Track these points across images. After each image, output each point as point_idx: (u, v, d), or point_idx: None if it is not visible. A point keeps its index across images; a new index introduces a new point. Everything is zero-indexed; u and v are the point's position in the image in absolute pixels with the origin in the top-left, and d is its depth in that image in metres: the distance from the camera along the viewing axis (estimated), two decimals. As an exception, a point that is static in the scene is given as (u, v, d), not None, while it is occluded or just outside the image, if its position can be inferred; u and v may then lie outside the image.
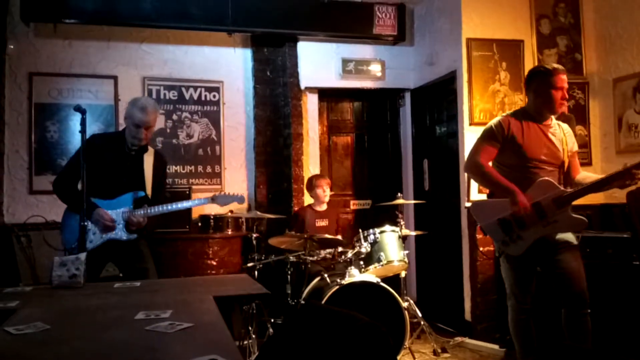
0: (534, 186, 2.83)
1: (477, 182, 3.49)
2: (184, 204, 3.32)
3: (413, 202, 5.04)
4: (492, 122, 3.02)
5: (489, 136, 2.98)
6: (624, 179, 2.70)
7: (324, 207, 4.57)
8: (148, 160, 3.30)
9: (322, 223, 4.50)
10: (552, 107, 2.89)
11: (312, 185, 4.57)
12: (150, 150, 3.36)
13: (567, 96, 2.91)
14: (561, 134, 2.97)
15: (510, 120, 2.94)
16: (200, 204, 3.46)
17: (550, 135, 2.93)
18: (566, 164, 2.97)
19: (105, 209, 3.12)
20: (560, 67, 2.91)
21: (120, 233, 3.16)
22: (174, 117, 4.88)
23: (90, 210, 2.99)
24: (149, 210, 3.18)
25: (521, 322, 2.95)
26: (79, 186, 3.23)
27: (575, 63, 4.54)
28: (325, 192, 4.52)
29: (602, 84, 4.57)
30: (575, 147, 3.05)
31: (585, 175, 3.00)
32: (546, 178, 2.83)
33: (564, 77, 2.88)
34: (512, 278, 2.96)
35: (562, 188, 2.81)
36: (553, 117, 2.99)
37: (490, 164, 2.99)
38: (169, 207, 3.24)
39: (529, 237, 2.84)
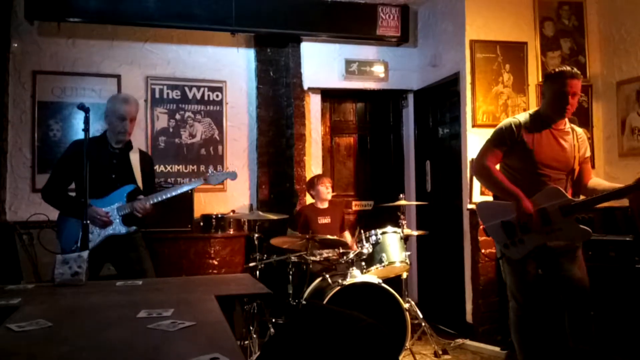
0: (541, 193, 2.81)
1: (484, 185, 3.47)
2: (181, 189, 3.34)
3: (415, 203, 5.04)
4: (502, 124, 2.99)
5: (497, 139, 2.96)
6: (636, 192, 2.66)
7: (325, 204, 4.58)
8: (134, 158, 3.34)
9: (324, 220, 4.50)
10: (557, 111, 2.87)
11: (313, 183, 4.58)
12: (135, 148, 3.40)
13: (571, 101, 2.82)
14: (574, 140, 2.94)
15: (521, 125, 2.91)
16: (195, 186, 3.48)
17: (561, 141, 2.90)
18: (576, 171, 2.94)
19: (100, 206, 3.15)
20: (569, 70, 2.84)
21: (119, 227, 3.20)
22: (177, 116, 4.88)
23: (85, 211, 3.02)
24: (149, 199, 3.21)
25: (522, 324, 2.94)
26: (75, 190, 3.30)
27: (579, 66, 4.52)
28: (328, 188, 4.54)
29: (605, 87, 4.57)
30: (588, 153, 3.01)
31: (597, 182, 2.97)
32: (555, 186, 2.81)
33: (573, 81, 2.81)
34: (513, 280, 2.96)
35: (569, 197, 2.80)
36: (567, 120, 2.97)
37: (497, 166, 2.98)
38: (168, 194, 3.27)
39: (530, 242, 2.84)
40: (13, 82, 4.51)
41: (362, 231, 4.08)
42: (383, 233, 4.02)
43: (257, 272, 3.96)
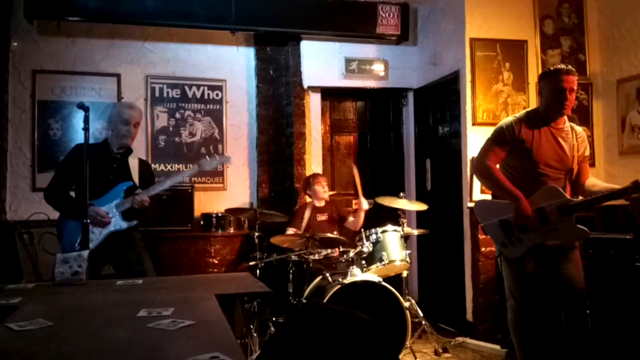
0: (539, 192, 2.81)
1: (483, 185, 3.47)
2: (176, 178, 3.40)
3: (415, 207, 4.98)
4: (503, 122, 2.98)
5: (498, 138, 2.95)
6: (632, 193, 2.67)
7: (322, 203, 4.58)
8: (133, 162, 3.40)
9: (322, 217, 4.52)
10: (556, 108, 2.86)
11: (309, 183, 4.58)
12: (134, 155, 3.46)
13: (570, 97, 2.83)
14: (573, 139, 2.93)
15: (522, 122, 2.91)
16: (190, 174, 3.52)
17: (560, 141, 2.90)
18: (575, 171, 2.94)
19: (99, 206, 3.18)
20: (565, 67, 2.85)
21: (120, 223, 3.23)
22: (177, 115, 4.88)
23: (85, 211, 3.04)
24: (147, 192, 3.25)
25: (521, 323, 2.94)
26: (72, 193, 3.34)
27: (579, 64, 4.53)
28: (324, 188, 4.54)
29: (605, 85, 4.56)
30: (587, 152, 3.01)
31: (594, 182, 2.97)
32: (553, 185, 2.81)
33: (570, 77, 2.81)
34: (512, 279, 2.96)
35: (568, 196, 2.80)
36: (566, 119, 2.96)
37: (497, 166, 2.97)
38: (165, 185, 3.31)
39: (528, 241, 2.84)
40: (13, 81, 4.51)
41: (362, 230, 4.08)
42: (383, 232, 4.02)
43: (257, 271, 3.96)
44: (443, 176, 5.09)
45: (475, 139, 4.37)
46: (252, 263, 4.03)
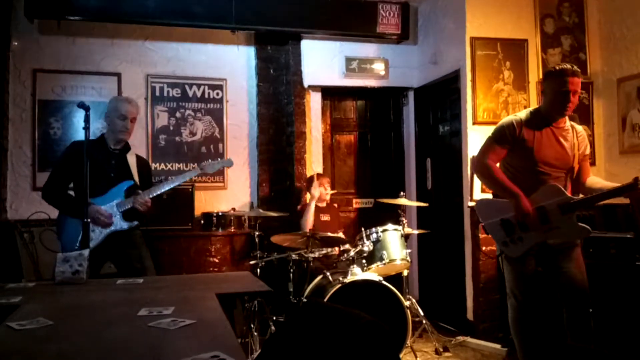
0: (540, 190, 2.81)
1: (483, 183, 3.46)
2: (178, 181, 3.39)
3: (416, 204, 5.01)
4: (504, 121, 2.98)
5: (499, 137, 2.95)
6: (634, 190, 2.66)
7: (324, 203, 4.60)
8: (131, 159, 3.40)
9: (325, 218, 4.54)
10: (558, 109, 2.86)
11: (312, 184, 4.58)
12: (132, 152, 3.46)
13: (572, 99, 2.81)
14: (574, 138, 2.93)
15: (522, 121, 2.91)
16: (192, 176, 3.52)
17: (561, 140, 2.90)
18: (575, 170, 2.94)
19: (99, 204, 3.18)
20: (570, 68, 2.82)
21: (120, 223, 3.23)
22: (177, 114, 4.88)
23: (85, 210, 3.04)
24: (149, 193, 3.25)
25: (521, 322, 2.94)
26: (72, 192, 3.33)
27: (580, 63, 4.52)
28: (326, 189, 4.55)
29: (606, 84, 4.56)
30: (588, 151, 3.01)
31: (595, 180, 2.97)
32: (554, 183, 2.81)
33: (575, 79, 2.79)
34: (513, 278, 2.96)
35: (569, 194, 2.79)
36: (567, 118, 2.96)
37: (498, 164, 2.97)
38: (167, 187, 3.31)
39: (529, 240, 2.84)
40: (13, 81, 4.51)
41: (362, 229, 4.08)
42: (384, 231, 4.02)
43: (258, 270, 3.97)
44: (443, 175, 5.09)
45: (475, 138, 4.37)
46: (252, 262, 4.03)
